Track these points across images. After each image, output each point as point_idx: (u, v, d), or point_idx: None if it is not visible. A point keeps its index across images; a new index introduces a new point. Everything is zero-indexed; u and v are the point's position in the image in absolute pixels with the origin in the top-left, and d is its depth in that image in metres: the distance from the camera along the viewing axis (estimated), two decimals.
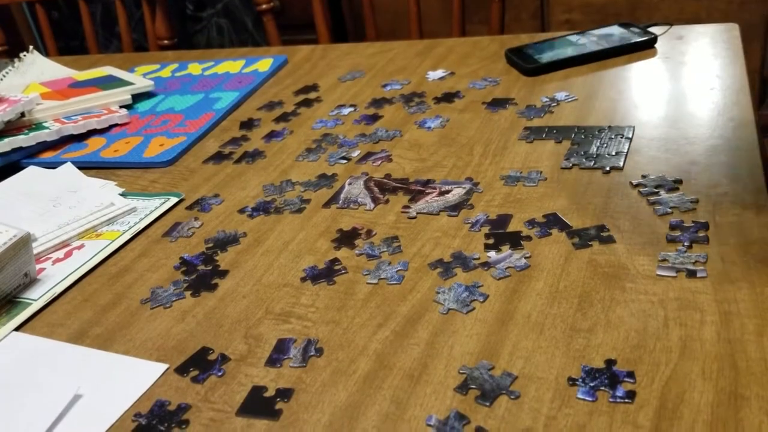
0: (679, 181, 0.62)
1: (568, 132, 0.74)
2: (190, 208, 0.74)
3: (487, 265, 0.56)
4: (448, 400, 0.45)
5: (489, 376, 0.46)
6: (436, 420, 0.43)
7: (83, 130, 0.93)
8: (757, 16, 1.80)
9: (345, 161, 0.77)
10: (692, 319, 0.47)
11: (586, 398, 0.43)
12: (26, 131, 0.91)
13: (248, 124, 0.91)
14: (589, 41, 0.93)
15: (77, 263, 0.66)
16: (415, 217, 0.64)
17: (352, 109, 0.89)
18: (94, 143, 0.92)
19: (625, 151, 0.68)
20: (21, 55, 1.26)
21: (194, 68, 1.14)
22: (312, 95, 0.96)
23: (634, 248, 0.55)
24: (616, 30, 0.94)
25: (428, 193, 0.68)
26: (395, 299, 0.55)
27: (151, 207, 0.74)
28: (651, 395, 0.42)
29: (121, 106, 1.00)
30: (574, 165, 0.68)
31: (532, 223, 0.60)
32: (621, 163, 0.66)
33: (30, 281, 0.64)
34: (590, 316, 0.49)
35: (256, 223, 0.69)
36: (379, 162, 0.75)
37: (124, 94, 1.01)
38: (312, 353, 0.51)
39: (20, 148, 0.89)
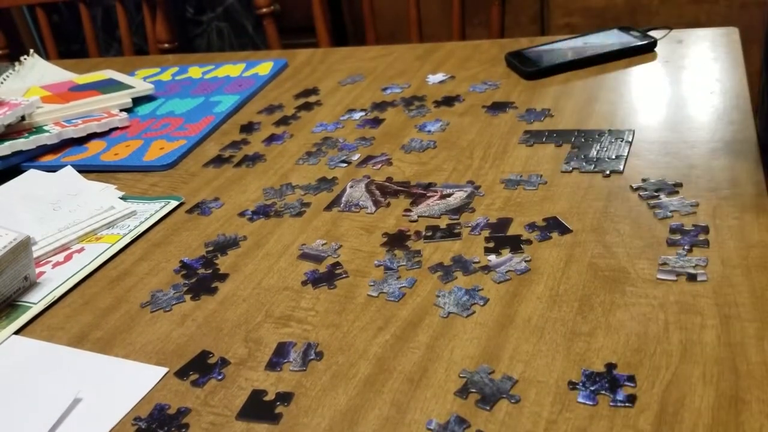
0: (680, 185, 0.62)
1: (568, 136, 0.74)
2: (190, 211, 0.74)
3: (487, 268, 0.56)
4: (449, 404, 0.45)
5: (489, 380, 0.46)
6: (437, 424, 0.43)
7: (83, 134, 0.94)
8: (757, 19, 1.81)
9: (345, 165, 0.77)
10: (693, 322, 0.47)
11: (587, 402, 0.43)
12: (26, 135, 0.91)
13: (248, 128, 0.91)
14: (589, 45, 0.93)
15: (77, 267, 0.66)
16: (416, 221, 0.64)
17: (352, 112, 0.90)
18: (95, 147, 0.92)
19: (625, 154, 0.68)
20: (21, 58, 1.26)
21: (194, 72, 1.14)
22: (312, 99, 0.96)
23: (635, 252, 0.55)
24: (615, 34, 0.94)
25: (429, 197, 0.68)
26: (395, 303, 0.55)
27: (151, 210, 0.74)
28: (651, 399, 0.42)
29: (121, 110, 1.00)
30: (574, 169, 0.68)
31: (532, 226, 0.60)
32: (621, 167, 0.66)
33: (30, 285, 0.64)
34: (590, 319, 0.49)
35: (257, 226, 0.69)
36: (379, 165, 0.75)
37: (124, 98, 1.01)
38: (312, 357, 0.51)
39: (20, 152, 0.89)
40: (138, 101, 1.03)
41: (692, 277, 0.51)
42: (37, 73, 1.22)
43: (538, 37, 1.01)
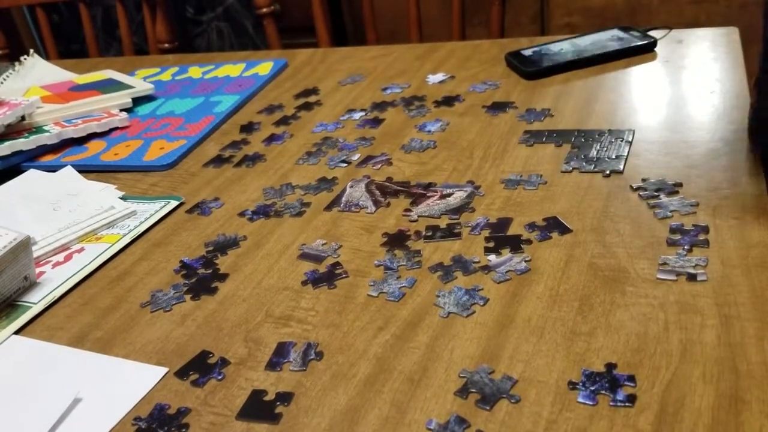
0: (680, 185, 0.62)
1: (568, 135, 0.74)
2: (190, 211, 0.74)
3: (487, 268, 0.56)
4: (449, 403, 0.45)
5: (489, 380, 0.46)
6: (437, 424, 0.43)
7: (83, 134, 0.94)
8: (757, 19, 1.80)
9: (345, 165, 0.77)
10: (693, 322, 0.47)
11: (587, 402, 0.43)
12: (27, 135, 0.91)
13: (248, 128, 0.91)
14: (589, 45, 0.93)
15: (77, 267, 0.66)
16: (416, 221, 0.64)
17: (352, 112, 0.90)
18: (95, 147, 0.92)
19: (625, 154, 0.68)
20: (21, 58, 1.26)
21: (194, 72, 1.14)
22: (312, 99, 0.96)
23: (635, 252, 0.55)
24: (615, 33, 0.94)
25: (429, 196, 0.68)
26: (395, 303, 0.55)
27: (151, 210, 0.74)
28: (651, 399, 0.42)
29: (121, 110, 1.00)
30: (574, 168, 0.68)
31: (532, 226, 0.60)
32: (621, 167, 0.66)
33: (30, 285, 0.64)
34: (590, 319, 0.49)
35: (257, 226, 0.69)
36: (379, 165, 0.75)
37: (124, 98, 1.01)
38: (312, 357, 0.51)
39: (20, 152, 0.89)
40: (138, 101, 1.03)
41: (692, 277, 0.51)
42: (37, 73, 1.22)
43: (538, 37, 1.01)
